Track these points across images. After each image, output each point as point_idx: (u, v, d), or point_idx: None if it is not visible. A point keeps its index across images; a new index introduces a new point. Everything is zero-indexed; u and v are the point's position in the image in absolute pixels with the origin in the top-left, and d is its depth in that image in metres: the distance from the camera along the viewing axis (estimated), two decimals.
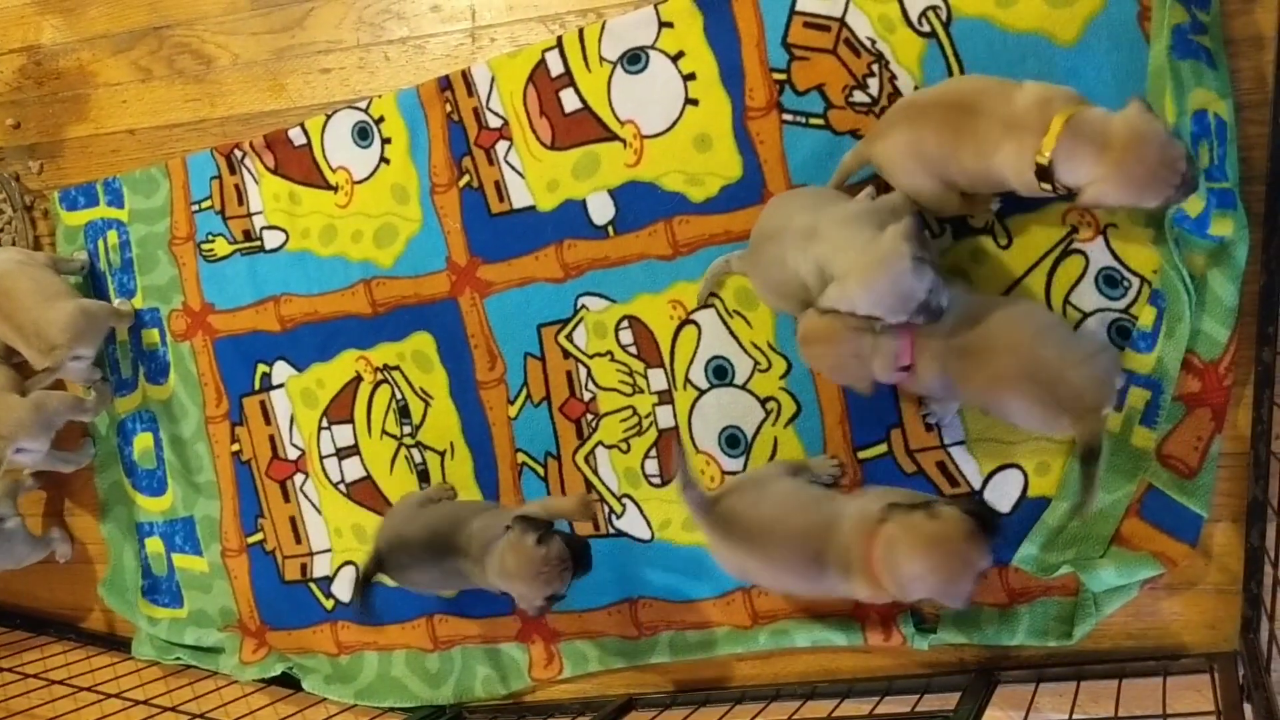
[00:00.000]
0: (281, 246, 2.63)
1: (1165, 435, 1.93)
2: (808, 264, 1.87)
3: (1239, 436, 1.92)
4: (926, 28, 2.00)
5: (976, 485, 2.07)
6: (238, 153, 2.65)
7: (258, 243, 2.66)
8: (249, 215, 2.67)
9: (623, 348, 2.33)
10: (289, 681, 2.75)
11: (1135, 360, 1.91)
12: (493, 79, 2.35)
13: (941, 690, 2.10)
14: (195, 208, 2.71)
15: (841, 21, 2.06)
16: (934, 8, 1.99)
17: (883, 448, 2.14)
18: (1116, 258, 1.93)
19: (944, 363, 1.81)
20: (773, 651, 2.29)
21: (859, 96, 2.07)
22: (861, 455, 2.15)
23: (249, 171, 2.65)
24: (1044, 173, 1.66)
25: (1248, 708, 1.76)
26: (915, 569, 1.69)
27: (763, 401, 2.22)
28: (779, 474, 2.05)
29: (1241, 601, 1.94)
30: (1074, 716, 1.88)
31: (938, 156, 1.80)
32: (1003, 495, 2.06)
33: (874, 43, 2.04)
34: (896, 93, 2.03)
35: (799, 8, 2.08)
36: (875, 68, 2.05)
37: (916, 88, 2.01)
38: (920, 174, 1.85)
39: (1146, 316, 1.90)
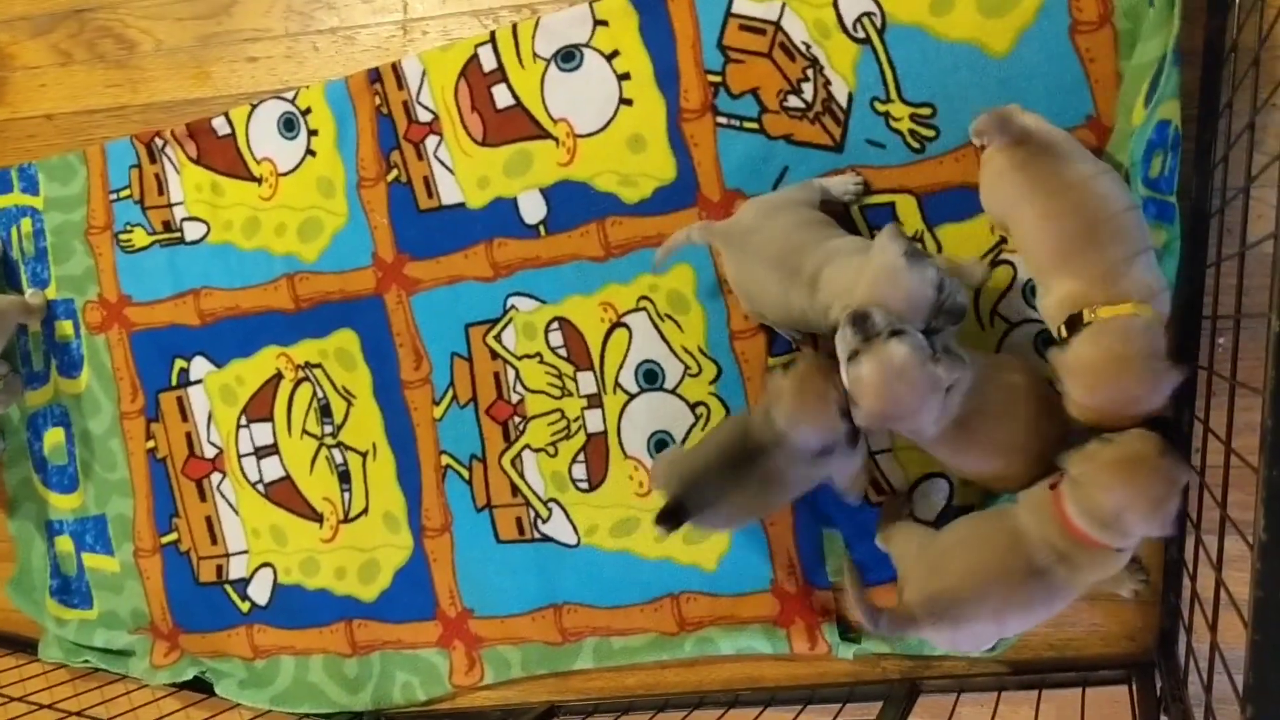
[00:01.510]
0: (202, 238, 2.56)
1: None
2: (815, 309, 1.80)
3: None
4: (861, 34, 1.99)
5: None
6: (159, 141, 2.57)
7: (178, 234, 2.58)
8: (169, 206, 2.59)
9: (552, 350, 2.29)
10: (202, 686, 2.67)
11: None
12: (424, 72, 2.30)
13: (864, 699, 2.09)
14: (113, 197, 2.62)
15: (777, 25, 2.05)
16: (869, 14, 1.98)
17: None
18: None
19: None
20: (697, 659, 2.27)
21: (793, 101, 2.05)
22: None
23: (170, 161, 2.57)
24: None
25: (1164, 719, 1.78)
26: (1116, 500, 1.54)
27: (692, 406, 2.20)
28: (923, 534, 1.89)
29: (1160, 613, 1.95)
30: None
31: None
32: (928, 504, 2.06)
33: (809, 47, 2.03)
34: (830, 98, 2.02)
35: (735, 10, 2.07)
36: (810, 73, 2.04)
37: (851, 94, 2.01)
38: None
39: None
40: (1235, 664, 1.40)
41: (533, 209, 2.25)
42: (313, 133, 2.41)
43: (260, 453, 2.57)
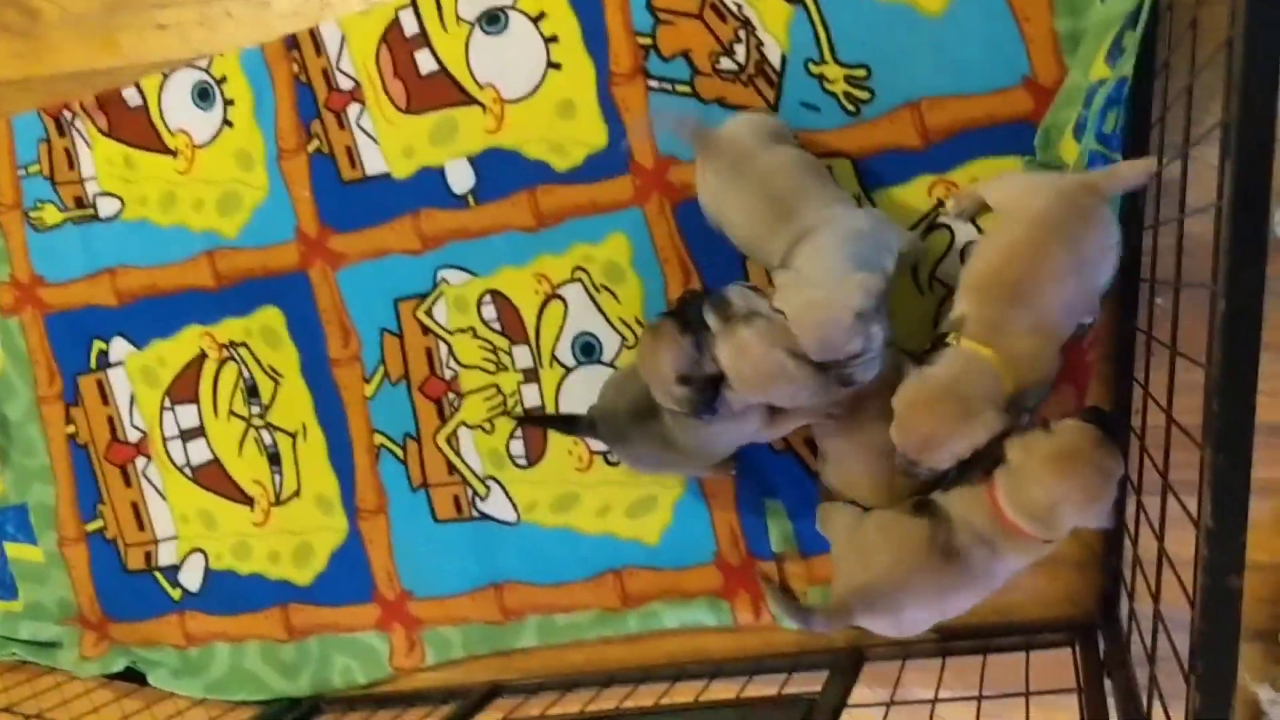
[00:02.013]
0: (117, 215, 2.45)
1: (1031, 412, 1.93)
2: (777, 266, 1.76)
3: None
4: None
5: None
6: (67, 114, 2.45)
7: (91, 210, 2.47)
8: (81, 181, 2.48)
9: (485, 324, 2.23)
10: (135, 676, 2.60)
11: None
12: (343, 38, 2.21)
13: (809, 669, 2.08)
14: (21, 172, 2.50)
15: None
16: None
17: None
18: (982, 232, 1.91)
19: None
20: (641, 634, 2.24)
21: (726, 64, 2.00)
22: None
23: (80, 134, 2.45)
24: None
25: (1109, 682, 1.78)
26: (1051, 494, 1.53)
27: None
28: (856, 521, 1.85)
29: (1102, 576, 1.95)
30: (939, 693, 1.87)
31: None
32: None
33: (741, 8, 1.97)
34: (764, 60, 1.97)
35: None
36: (742, 34, 1.98)
37: (784, 56, 1.95)
38: None
39: None
40: (1177, 626, 1.40)
41: (461, 178, 2.18)
42: (229, 102, 2.31)
43: (186, 435, 2.48)
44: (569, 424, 1.99)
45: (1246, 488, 0.92)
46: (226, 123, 2.32)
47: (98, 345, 2.51)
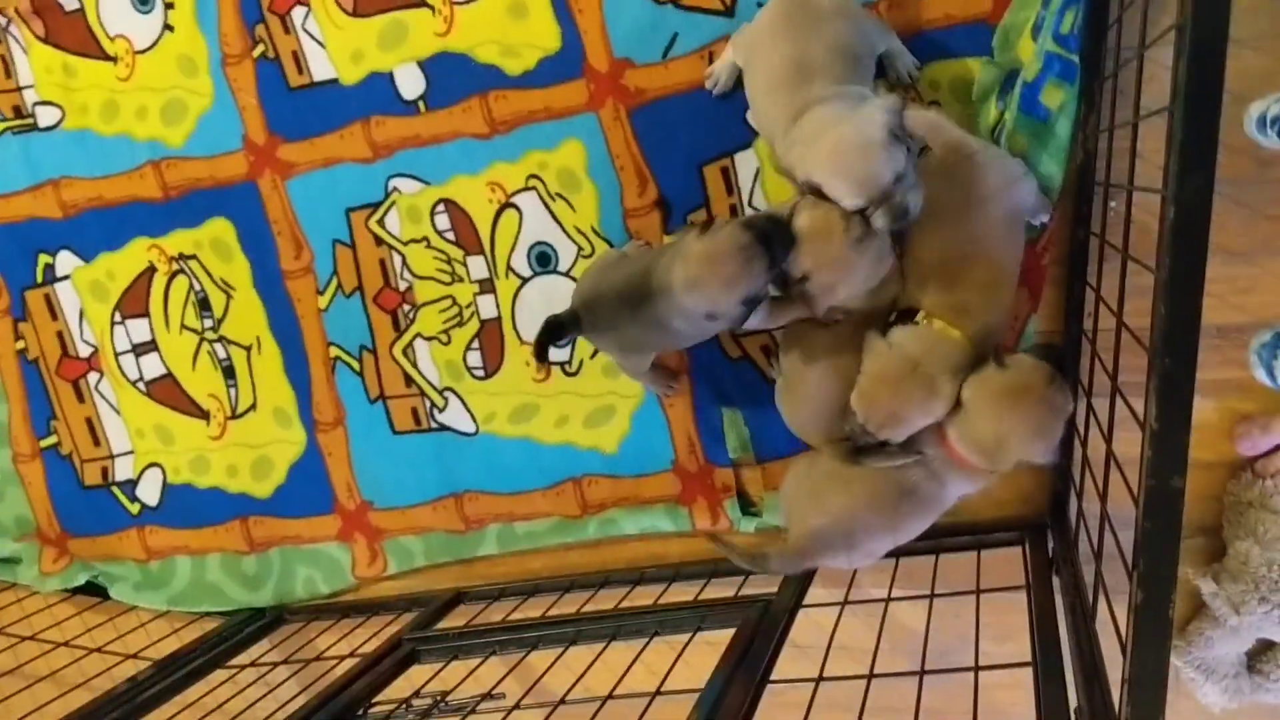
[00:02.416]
0: (57, 124, 2.38)
1: None
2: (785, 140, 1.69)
3: (1053, 315, 1.94)
4: None
5: None
6: (1, 19, 2.36)
7: (30, 120, 2.40)
8: (19, 89, 2.40)
9: (439, 233, 2.20)
10: (97, 590, 2.61)
11: None
12: None
13: (767, 571, 2.10)
14: None
15: None
16: None
17: None
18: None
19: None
20: (601, 540, 2.26)
21: None
22: None
23: (16, 40, 2.37)
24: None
25: (1057, 580, 1.82)
26: (999, 428, 1.55)
27: None
28: (807, 468, 1.86)
29: (1052, 477, 1.99)
30: (893, 592, 1.91)
31: None
32: None
33: None
34: None
35: None
36: None
37: None
38: None
39: None
40: (1123, 524, 1.43)
41: (410, 84, 2.13)
42: (169, 5, 2.24)
43: (138, 350, 2.45)
44: (558, 331, 1.83)
45: (1191, 391, 0.93)
46: (167, 27, 2.25)
47: (43, 259, 2.46)
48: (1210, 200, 0.92)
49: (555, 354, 2.16)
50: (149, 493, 2.52)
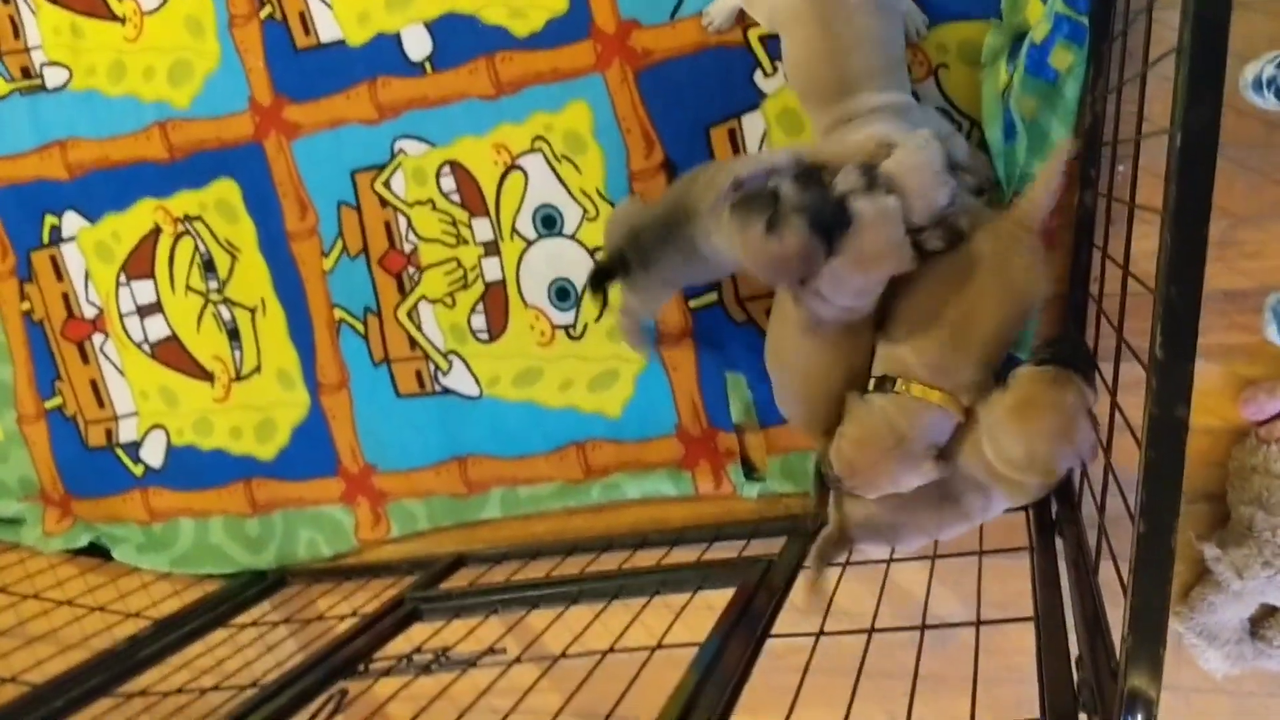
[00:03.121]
0: (65, 85, 2.38)
1: None
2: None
3: (1059, 279, 1.94)
4: None
5: None
6: None
7: (38, 81, 2.40)
8: (27, 50, 2.40)
9: (445, 195, 2.20)
10: (99, 551, 2.62)
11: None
12: None
13: (769, 535, 2.11)
14: None
15: None
16: None
17: (713, 296, 2.08)
18: (947, 99, 1.89)
19: None
20: (604, 505, 2.26)
21: None
22: (693, 305, 2.10)
23: (25, 1, 2.37)
24: None
25: (1059, 542, 1.82)
26: (1021, 444, 1.55)
27: (592, 252, 2.14)
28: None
29: None
30: (894, 555, 1.91)
31: None
32: None
33: None
34: None
35: None
36: None
37: None
38: None
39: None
40: (1128, 485, 1.43)
41: (417, 45, 2.13)
42: None
43: (143, 311, 2.45)
44: (607, 275, 1.82)
45: (1196, 319, 0.93)
46: None
47: (49, 220, 2.47)
48: (1217, 129, 0.92)
49: (560, 317, 2.16)
50: (153, 454, 2.53)
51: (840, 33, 1.70)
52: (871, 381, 1.68)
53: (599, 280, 1.82)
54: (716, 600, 1.82)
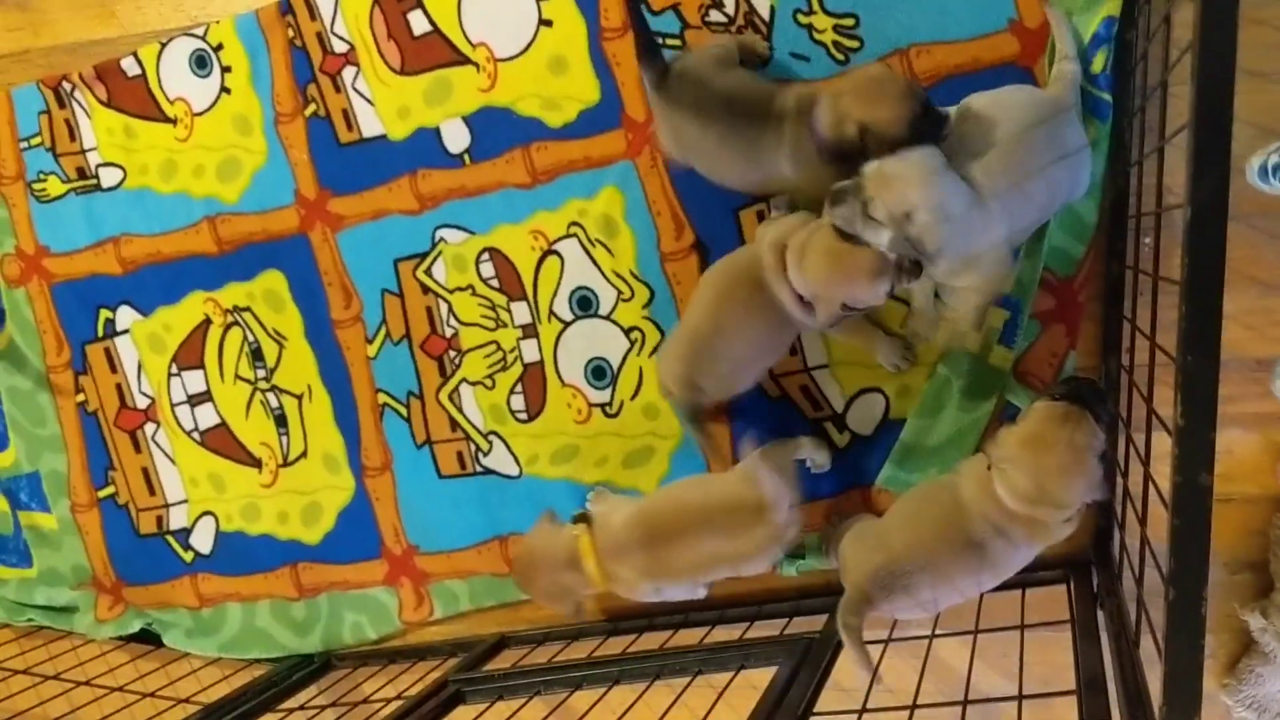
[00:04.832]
0: (119, 184, 2.48)
1: (1022, 354, 1.95)
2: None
3: (1091, 351, 1.95)
4: None
5: (839, 409, 2.08)
6: (66, 85, 2.48)
7: (94, 180, 2.51)
8: (83, 152, 2.51)
9: (484, 281, 2.26)
10: (149, 638, 2.65)
11: None
12: (336, 2, 2.23)
13: (810, 613, 2.11)
14: (23, 145, 2.54)
15: None
16: None
17: None
18: None
19: None
20: None
21: (715, 15, 2.02)
22: None
23: (80, 105, 2.48)
24: None
25: (1101, 615, 1.81)
26: (1030, 477, 1.59)
27: (627, 331, 2.19)
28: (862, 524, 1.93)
29: (1094, 512, 1.98)
30: (936, 630, 1.90)
31: None
32: (865, 418, 2.07)
33: None
34: (753, 11, 1.98)
35: None
36: None
37: (773, 7, 1.97)
38: None
39: None
40: (1164, 557, 1.43)
41: (456, 138, 2.21)
42: (226, 69, 2.34)
43: (193, 400, 2.52)
44: (652, 50, 1.87)
45: (1215, 386, 0.95)
46: (224, 89, 2.35)
47: (104, 314, 2.55)
48: (1225, 203, 0.94)
49: (596, 395, 2.20)
50: (202, 541, 2.58)
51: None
52: None
53: (644, 46, 1.86)
54: (759, 679, 1.82)
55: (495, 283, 2.25)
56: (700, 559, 1.88)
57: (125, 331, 2.54)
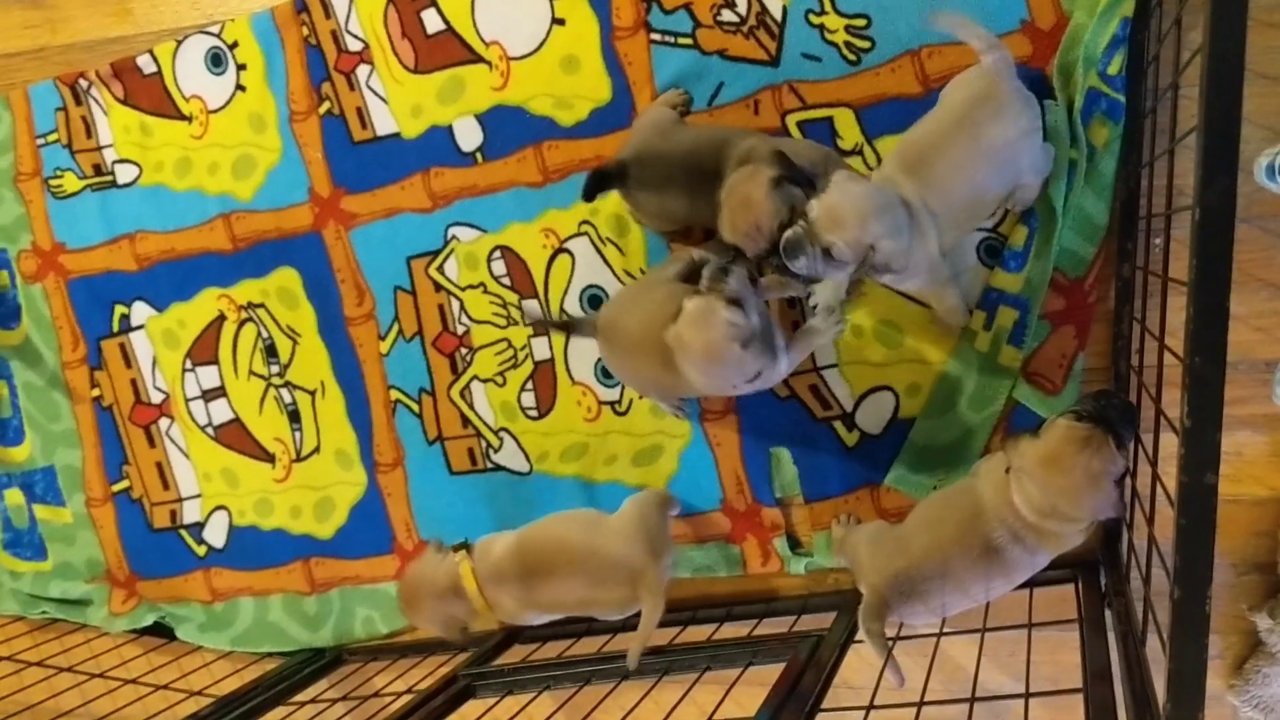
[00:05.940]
0: (134, 181, 2.50)
1: (1031, 354, 1.96)
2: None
3: (1100, 352, 1.96)
4: None
5: (849, 408, 2.08)
6: (83, 82, 2.50)
7: (109, 177, 2.53)
8: (99, 149, 2.53)
9: (496, 279, 2.27)
10: (163, 631, 2.68)
11: (1004, 279, 1.92)
12: (351, 0, 2.25)
13: (818, 610, 2.12)
14: (40, 141, 2.56)
15: None
16: None
17: None
18: None
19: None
20: None
21: (727, 15, 2.02)
22: None
23: (96, 102, 2.50)
24: None
25: (1109, 614, 1.81)
26: (1044, 493, 1.61)
27: None
28: (877, 528, 1.92)
29: None
30: (944, 629, 1.91)
31: None
32: (874, 417, 2.07)
33: None
34: (765, 11, 1.99)
35: None
36: None
37: (785, 7, 1.98)
38: None
39: (1017, 236, 1.90)
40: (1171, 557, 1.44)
41: (468, 136, 2.22)
42: (241, 67, 2.36)
43: (208, 396, 2.54)
44: (604, 182, 1.93)
45: (1221, 387, 0.96)
46: (239, 87, 2.37)
47: (119, 309, 2.57)
48: (1233, 206, 0.95)
49: (606, 393, 2.21)
50: (215, 535, 2.60)
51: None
52: None
53: (595, 186, 1.91)
54: (767, 675, 1.83)
55: (507, 280, 2.26)
56: (564, 600, 1.95)
57: (140, 327, 2.56)
